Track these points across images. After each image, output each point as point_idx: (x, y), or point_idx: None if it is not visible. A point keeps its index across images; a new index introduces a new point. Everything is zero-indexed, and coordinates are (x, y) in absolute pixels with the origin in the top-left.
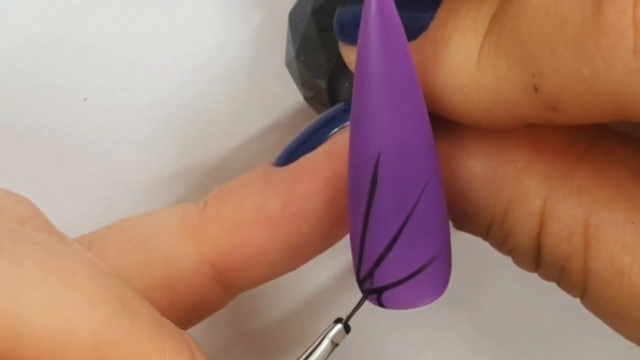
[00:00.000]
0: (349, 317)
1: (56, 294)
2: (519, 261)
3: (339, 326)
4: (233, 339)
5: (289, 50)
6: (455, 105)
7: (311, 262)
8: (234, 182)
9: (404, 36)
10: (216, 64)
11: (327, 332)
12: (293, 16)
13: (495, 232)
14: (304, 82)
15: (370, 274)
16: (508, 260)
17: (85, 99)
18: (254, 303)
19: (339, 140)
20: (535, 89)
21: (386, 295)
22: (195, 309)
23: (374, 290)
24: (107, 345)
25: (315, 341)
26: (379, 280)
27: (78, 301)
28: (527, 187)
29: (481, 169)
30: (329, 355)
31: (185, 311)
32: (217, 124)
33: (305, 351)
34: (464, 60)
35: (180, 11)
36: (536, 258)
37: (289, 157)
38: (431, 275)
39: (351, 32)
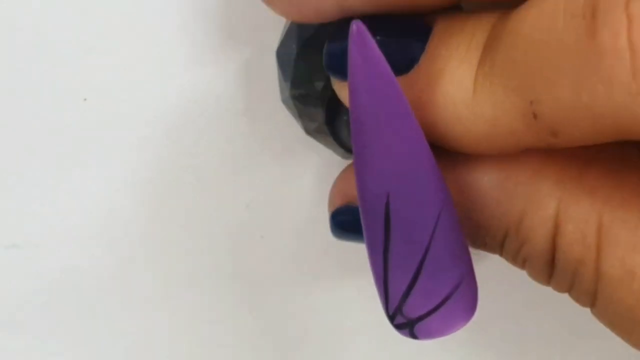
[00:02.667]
0: None
1: None
2: (534, 270)
3: None
4: (234, 339)
5: (283, 88)
6: (454, 137)
7: (314, 265)
8: None
9: (390, 74)
10: (217, 63)
11: None
12: (280, 54)
13: (510, 241)
14: (303, 117)
15: (399, 310)
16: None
17: (85, 99)
18: (255, 304)
19: None
20: (535, 116)
21: (418, 327)
22: None
23: (405, 324)
24: None
25: None
26: (409, 314)
27: None
28: (540, 191)
29: (493, 179)
30: None
31: None
32: (218, 124)
33: None
34: (459, 91)
35: (181, 11)
36: (550, 265)
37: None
38: (459, 301)
39: (340, 68)
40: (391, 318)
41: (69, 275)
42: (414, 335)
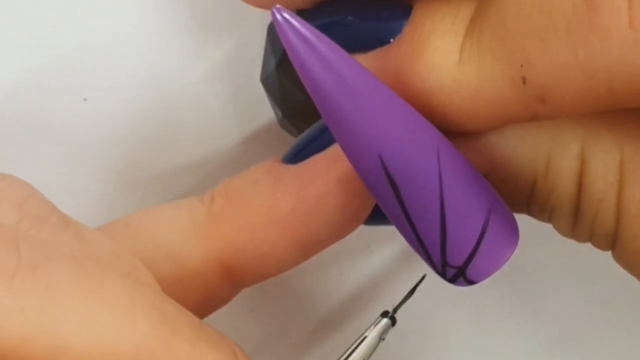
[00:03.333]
0: (395, 310)
1: (94, 311)
2: (560, 219)
3: (386, 320)
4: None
5: (267, 65)
6: (436, 108)
7: (314, 265)
8: (241, 178)
9: (328, 44)
10: (218, 64)
11: (375, 325)
12: (272, 29)
13: (539, 190)
14: (284, 97)
15: (445, 263)
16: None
17: (85, 99)
18: (255, 304)
19: None
20: (524, 81)
21: (470, 271)
22: (203, 304)
23: (456, 274)
24: (149, 358)
25: (361, 335)
26: (454, 262)
27: (116, 317)
28: (563, 132)
29: (513, 134)
30: (375, 349)
31: (193, 308)
32: (217, 124)
33: (352, 345)
34: (444, 60)
35: (180, 11)
36: (576, 210)
37: (297, 155)
38: (496, 230)
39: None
40: (442, 275)
41: None
42: (471, 281)
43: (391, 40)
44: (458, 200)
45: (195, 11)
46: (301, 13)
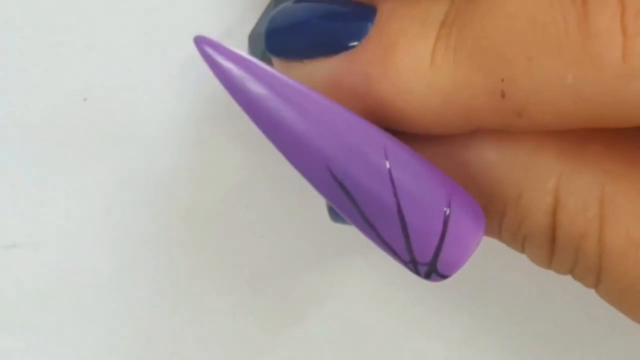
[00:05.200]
0: None
1: None
2: (534, 250)
3: None
4: (234, 339)
5: (262, 23)
6: (404, 113)
7: (315, 264)
8: None
9: (253, 64)
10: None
11: None
12: (252, 37)
13: (510, 217)
14: (267, 56)
15: (414, 261)
16: (509, 259)
17: (85, 99)
18: (255, 304)
19: None
20: (503, 95)
21: (440, 265)
22: None
23: (429, 271)
24: None
25: None
26: (423, 259)
27: None
28: (540, 165)
29: (493, 152)
30: None
31: None
32: (218, 124)
33: None
34: (414, 63)
35: (181, 11)
36: (551, 242)
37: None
38: (460, 218)
39: (283, 44)
40: (417, 273)
41: (69, 275)
42: (443, 275)
43: (356, 43)
44: (413, 197)
45: (196, 10)
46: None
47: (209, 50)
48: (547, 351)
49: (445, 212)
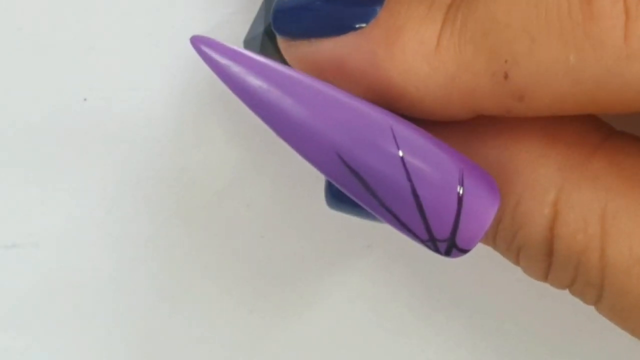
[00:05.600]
0: None
1: None
2: (530, 262)
3: None
4: (234, 339)
5: (255, 29)
6: (408, 95)
7: (314, 265)
8: None
9: (252, 60)
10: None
11: None
12: (247, 41)
13: (505, 226)
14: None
15: (433, 239)
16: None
17: (85, 99)
18: (255, 304)
19: None
20: (505, 76)
21: (459, 240)
22: None
23: (449, 247)
24: None
25: None
26: (442, 236)
27: None
28: (541, 176)
29: (494, 159)
30: None
31: None
32: (218, 124)
33: None
34: (420, 47)
35: (181, 11)
36: (548, 255)
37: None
38: (474, 192)
39: (291, 22)
40: (437, 251)
41: (69, 275)
42: (463, 250)
43: (364, 25)
44: (426, 174)
45: (196, 10)
46: None
47: (206, 49)
48: (547, 351)
49: (459, 186)
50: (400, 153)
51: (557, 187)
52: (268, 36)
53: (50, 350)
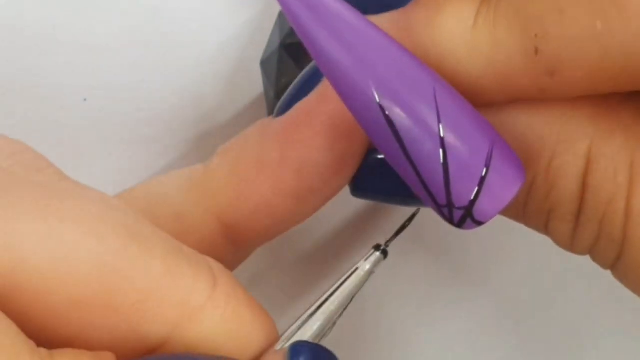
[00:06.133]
0: (387, 244)
1: (54, 228)
2: (558, 224)
3: (377, 254)
4: None
5: (270, 46)
6: (445, 72)
7: (314, 265)
8: (236, 137)
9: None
10: (217, 64)
11: (367, 258)
12: (264, 61)
13: (538, 186)
14: (280, 76)
15: (451, 204)
16: (508, 260)
17: (85, 99)
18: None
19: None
20: (536, 52)
21: (477, 210)
22: None
23: (464, 216)
24: (113, 275)
25: (353, 268)
26: (461, 203)
27: (80, 233)
28: (573, 128)
29: (527, 117)
30: (365, 281)
31: None
32: (217, 123)
33: (343, 276)
34: (458, 25)
35: (181, 11)
36: (577, 214)
37: (287, 106)
38: (501, 165)
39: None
40: (450, 219)
41: None
42: (478, 222)
43: (408, 1)
44: (458, 138)
45: (196, 11)
46: None
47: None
48: (547, 351)
49: (488, 156)
50: (438, 114)
51: (589, 137)
52: (285, 51)
53: None
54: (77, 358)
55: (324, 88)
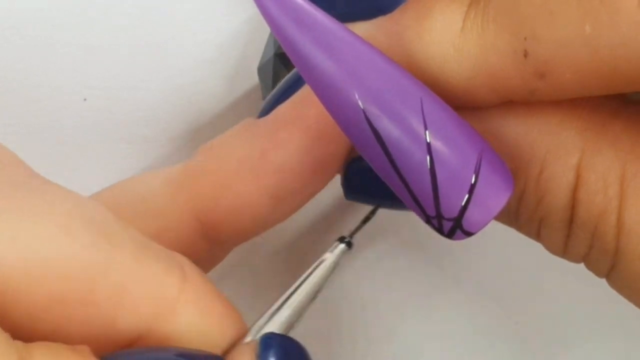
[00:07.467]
0: (351, 235)
1: (25, 227)
2: (550, 233)
3: (342, 245)
4: None
5: (266, 54)
6: (435, 76)
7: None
8: (219, 137)
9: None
10: (217, 64)
11: (332, 250)
12: (260, 67)
13: (529, 195)
14: (276, 83)
15: (440, 215)
16: (508, 260)
17: (85, 99)
18: (255, 304)
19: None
20: (526, 54)
21: (466, 222)
22: None
23: (453, 227)
24: (86, 271)
25: (319, 260)
26: (450, 214)
27: (50, 230)
28: (563, 141)
29: (517, 126)
30: (331, 273)
31: None
32: (218, 124)
33: (310, 269)
34: (447, 28)
35: (181, 12)
36: (568, 223)
37: (271, 107)
38: (489, 176)
39: (327, 5)
40: (440, 230)
41: None
42: (468, 232)
43: (396, 7)
44: (446, 148)
45: (196, 11)
46: None
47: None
48: (547, 351)
49: (476, 167)
50: (425, 125)
51: (579, 150)
52: (280, 59)
53: None
54: (53, 350)
55: (306, 91)
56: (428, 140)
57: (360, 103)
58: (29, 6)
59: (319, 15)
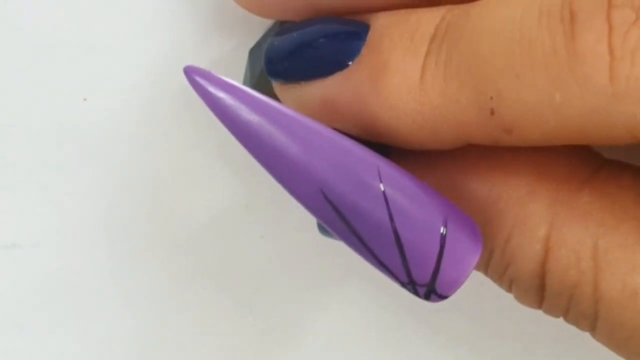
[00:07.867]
0: None
1: None
2: (522, 294)
3: None
4: (234, 339)
5: (267, 35)
6: (397, 129)
7: (313, 265)
8: None
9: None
10: (217, 65)
11: None
12: (253, 52)
13: (496, 260)
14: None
15: (413, 282)
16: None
17: (85, 99)
18: (255, 304)
19: None
20: (492, 112)
21: (438, 286)
22: None
23: (427, 291)
24: None
25: None
26: (422, 280)
27: None
28: (531, 213)
29: (485, 194)
30: None
31: None
32: (218, 124)
33: None
34: (405, 80)
35: (181, 12)
36: (540, 289)
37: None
38: (457, 238)
39: (281, 68)
40: (417, 294)
41: (69, 275)
42: (442, 296)
43: (350, 62)
44: (409, 218)
45: (196, 11)
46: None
47: (200, 80)
48: (547, 351)
49: (442, 232)
50: (384, 192)
51: (547, 223)
52: (258, 87)
53: (50, 350)
54: None
55: None
56: (388, 206)
57: (315, 180)
58: (29, 6)
59: (266, 100)
